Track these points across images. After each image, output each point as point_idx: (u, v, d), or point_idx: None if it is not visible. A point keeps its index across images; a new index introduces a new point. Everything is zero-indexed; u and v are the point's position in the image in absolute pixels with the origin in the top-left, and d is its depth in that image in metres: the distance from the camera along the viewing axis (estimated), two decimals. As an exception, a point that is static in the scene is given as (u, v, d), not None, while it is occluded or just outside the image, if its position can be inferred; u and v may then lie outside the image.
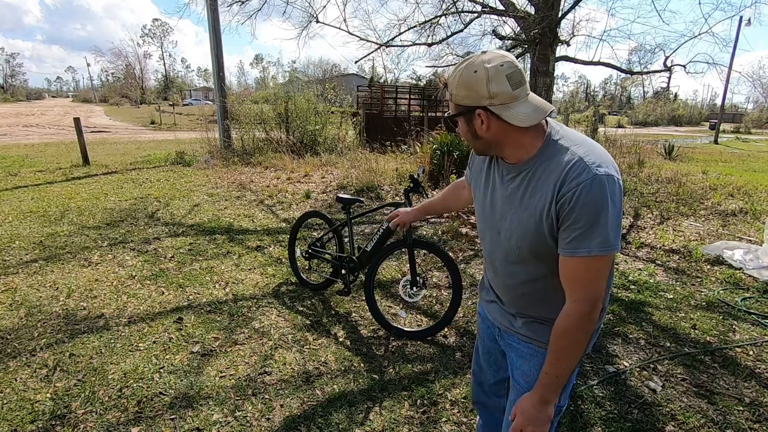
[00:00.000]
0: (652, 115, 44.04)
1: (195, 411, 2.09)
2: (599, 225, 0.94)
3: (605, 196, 0.94)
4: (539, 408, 1.07)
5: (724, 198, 6.68)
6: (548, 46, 6.39)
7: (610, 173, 0.95)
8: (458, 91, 1.03)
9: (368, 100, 14.27)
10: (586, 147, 1.00)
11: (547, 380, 1.06)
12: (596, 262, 0.97)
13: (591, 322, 1.01)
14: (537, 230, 1.04)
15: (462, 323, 2.98)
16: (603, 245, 0.95)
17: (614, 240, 0.96)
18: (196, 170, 8.59)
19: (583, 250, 0.96)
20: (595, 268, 0.98)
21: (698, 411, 2.15)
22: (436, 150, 6.84)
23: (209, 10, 9.72)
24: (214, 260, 4.00)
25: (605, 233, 0.94)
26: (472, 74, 0.99)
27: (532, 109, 0.99)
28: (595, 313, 1.00)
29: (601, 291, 1.00)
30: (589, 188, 0.93)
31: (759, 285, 3.63)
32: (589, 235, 0.95)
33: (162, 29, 73.20)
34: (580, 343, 1.02)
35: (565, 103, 51.67)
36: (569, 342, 1.03)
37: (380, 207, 3.20)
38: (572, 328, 1.01)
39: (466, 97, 1.02)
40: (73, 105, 50.65)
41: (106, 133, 17.83)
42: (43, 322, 2.87)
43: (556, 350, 1.04)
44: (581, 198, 0.94)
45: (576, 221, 0.96)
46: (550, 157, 1.01)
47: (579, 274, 1.00)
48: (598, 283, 0.99)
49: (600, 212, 0.94)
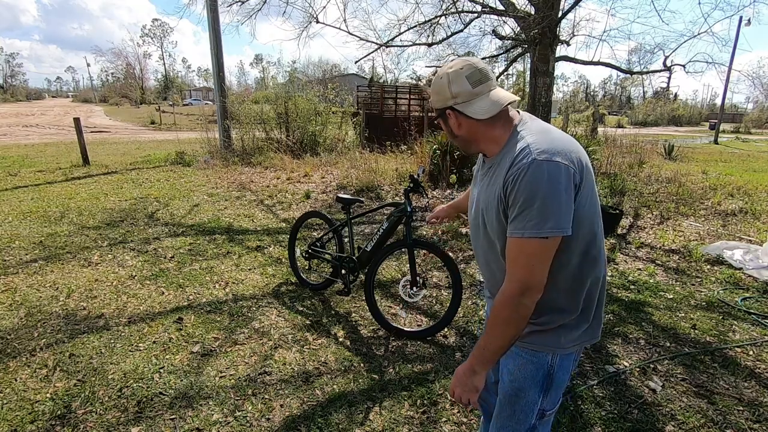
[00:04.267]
0: (651, 115, 44.00)
1: (195, 411, 2.09)
2: (533, 208, 0.97)
3: (541, 180, 0.96)
4: (468, 375, 1.12)
5: (724, 198, 6.68)
6: (548, 46, 6.40)
7: (553, 160, 0.97)
8: (432, 97, 1.17)
9: (368, 100, 14.25)
10: (541, 136, 1.04)
11: (477, 351, 1.10)
12: (529, 245, 0.99)
13: (520, 306, 1.02)
14: (494, 215, 1.09)
15: (462, 323, 2.98)
16: (535, 228, 0.97)
17: (549, 225, 0.96)
18: (196, 170, 8.59)
19: (517, 232, 1.00)
20: (529, 251, 0.99)
21: (698, 411, 2.16)
22: (435, 150, 6.84)
23: (209, 10, 9.71)
24: (214, 260, 4.00)
25: (538, 217, 0.97)
26: (438, 81, 1.13)
27: (491, 103, 1.07)
28: (526, 299, 1.01)
29: (536, 278, 1.00)
30: (526, 172, 0.98)
31: (759, 285, 3.63)
32: (523, 218, 0.99)
33: (162, 29, 73.23)
34: (507, 322, 1.04)
35: (565, 103, 51.63)
36: (497, 319, 1.06)
37: (380, 207, 3.20)
38: (500, 306, 1.05)
39: (438, 101, 1.15)
40: (73, 105, 50.66)
41: (106, 133, 17.84)
42: (43, 322, 2.87)
43: (488, 324, 1.09)
44: (519, 181, 0.98)
45: (514, 203, 1.00)
46: (511, 146, 1.07)
47: (514, 254, 1.02)
48: (533, 268, 1.00)
49: (535, 196, 0.97)
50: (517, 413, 1.20)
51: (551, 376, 1.17)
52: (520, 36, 7.18)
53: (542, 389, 1.18)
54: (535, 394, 1.18)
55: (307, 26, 8.10)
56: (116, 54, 68.20)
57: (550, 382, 1.18)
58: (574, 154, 1.01)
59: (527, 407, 1.19)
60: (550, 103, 6.77)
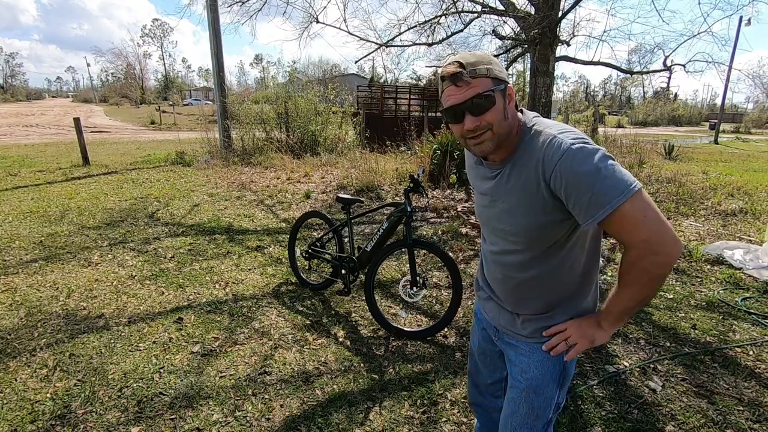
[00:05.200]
0: (651, 115, 43.99)
1: (195, 411, 2.09)
2: (602, 181, 0.92)
3: (590, 156, 0.93)
4: (592, 327, 1.10)
5: (724, 198, 6.67)
6: (548, 46, 6.39)
7: (585, 140, 0.96)
8: (490, 65, 0.99)
9: (368, 100, 14.27)
10: (559, 127, 1.01)
11: (611, 308, 1.08)
12: (627, 207, 0.92)
13: (654, 264, 0.96)
14: (525, 212, 1.05)
15: (462, 323, 2.98)
16: (620, 192, 0.91)
17: (629, 181, 0.92)
18: (196, 170, 8.59)
19: (603, 211, 0.92)
20: (635, 209, 0.92)
21: (698, 411, 2.15)
22: (436, 150, 6.84)
23: (209, 10, 9.72)
24: (214, 260, 4.00)
25: (614, 182, 0.91)
26: (484, 55, 1.01)
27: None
28: (661, 254, 0.94)
29: (655, 227, 0.93)
30: (573, 158, 0.93)
31: (759, 285, 3.63)
32: (600, 194, 0.92)
33: (162, 29, 73.23)
34: (651, 282, 1.00)
35: (565, 103, 51.63)
36: (641, 278, 1.00)
37: (380, 207, 3.20)
38: (633, 273, 1.00)
39: (501, 71, 1.01)
40: (73, 105, 50.64)
41: (106, 133, 17.83)
42: (43, 322, 2.87)
43: (626, 282, 1.03)
44: (569, 169, 0.94)
45: (579, 192, 0.94)
46: (528, 142, 1.04)
47: (623, 225, 0.95)
48: (647, 222, 0.93)
49: (596, 172, 0.92)
50: (536, 410, 1.20)
51: (565, 369, 1.19)
52: (520, 36, 7.18)
53: (558, 384, 1.19)
54: (552, 389, 1.19)
55: (307, 26, 8.09)
56: (116, 54, 68.25)
57: (565, 376, 1.20)
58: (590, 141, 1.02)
59: (545, 403, 1.20)
60: (550, 103, 6.76)
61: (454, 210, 5.56)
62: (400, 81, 35.54)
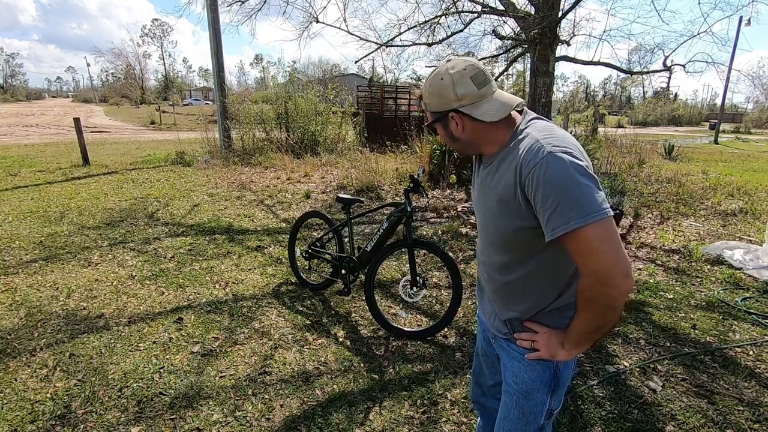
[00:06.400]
0: (651, 115, 43.97)
1: (195, 411, 2.09)
2: (569, 197, 0.91)
3: (565, 168, 0.92)
4: (556, 344, 1.11)
5: (724, 198, 6.68)
6: (548, 46, 6.39)
7: (567, 150, 0.95)
8: (430, 99, 1.11)
9: (368, 100, 14.25)
10: (547, 132, 1.01)
11: (569, 332, 1.08)
12: (584, 233, 0.91)
13: (602, 296, 0.95)
14: (503, 213, 1.07)
15: (462, 323, 2.98)
16: (581, 215, 0.90)
17: (594, 206, 0.90)
18: (196, 170, 8.59)
19: (560, 229, 0.92)
20: (590, 238, 0.91)
21: (698, 411, 2.15)
22: (436, 150, 6.84)
23: (209, 10, 9.71)
24: (214, 260, 4.00)
25: (579, 203, 0.90)
26: (439, 82, 1.07)
27: (500, 104, 1.06)
28: (608, 287, 0.93)
29: (607, 261, 0.91)
30: (546, 166, 0.93)
31: (759, 285, 3.63)
32: (562, 211, 0.91)
33: (162, 29, 73.19)
34: (602, 309, 0.98)
35: (565, 103, 51.61)
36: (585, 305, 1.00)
37: (380, 207, 3.20)
38: (583, 300, 1.00)
39: (439, 104, 1.10)
40: (73, 105, 50.65)
41: (106, 133, 17.83)
42: (43, 322, 2.87)
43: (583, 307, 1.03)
44: (540, 177, 0.94)
45: (544, 201, 0.94)
46: (515, 144, 1.05)
47: (577, 249, 0.94)
48: (599, 254, 0.91)
49: (566, 186, 0.91)
50: (526, 415, 1.20)
51: (557, 375, 1.18)
52: (520, 36, 7.18)
53: (550, 389, 1.18)
54: (543, 394, 1.18)
55: (307, 26, 8.09)
56: (116, 54, 68.15)
57: (557, 382, 1.19)
58: (583, 151, 1.01)
59: (536, 408, 1.19)
60: (550, 103, 6.76)
61: (454, 210, 5.56)
62: (400, 81, 35.59)
